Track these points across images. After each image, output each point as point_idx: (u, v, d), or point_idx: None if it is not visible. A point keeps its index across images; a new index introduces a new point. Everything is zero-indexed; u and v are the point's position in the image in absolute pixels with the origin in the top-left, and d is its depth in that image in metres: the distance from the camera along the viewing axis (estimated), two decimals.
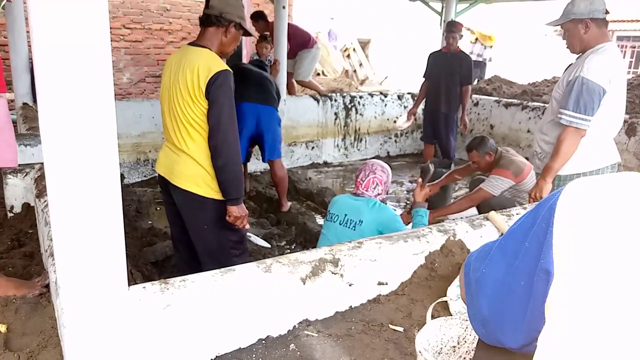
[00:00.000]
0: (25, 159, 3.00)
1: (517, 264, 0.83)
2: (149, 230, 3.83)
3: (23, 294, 1.87)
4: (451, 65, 5.33)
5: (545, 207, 0.80)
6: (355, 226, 2.65)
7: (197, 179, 2.28)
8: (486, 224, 2.24)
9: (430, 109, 5.59)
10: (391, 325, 1.76)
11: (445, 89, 5.36)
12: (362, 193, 2.76)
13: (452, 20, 5.57)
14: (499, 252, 0.89)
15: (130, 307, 1.42)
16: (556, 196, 0.78)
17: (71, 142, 1.21)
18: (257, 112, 4.09)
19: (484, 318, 0.91)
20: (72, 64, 1.17)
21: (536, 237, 0.80)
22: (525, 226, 0.85)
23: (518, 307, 0.83)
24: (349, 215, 2.69)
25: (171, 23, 8.68)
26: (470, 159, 3.88)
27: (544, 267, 0.75)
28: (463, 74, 5.33)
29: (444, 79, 5.35)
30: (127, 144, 5.04)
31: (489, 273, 0.90)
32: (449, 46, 5.38)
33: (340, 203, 2.80)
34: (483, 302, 0.91)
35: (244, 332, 1.63)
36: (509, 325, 0.86)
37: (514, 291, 0.83)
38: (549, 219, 0.77)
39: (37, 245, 2.40)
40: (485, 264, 0.91)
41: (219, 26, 2.28)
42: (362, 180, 2.77)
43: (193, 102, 2.17)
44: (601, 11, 2.57)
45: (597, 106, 2.53)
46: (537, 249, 0.79)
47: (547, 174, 2.70)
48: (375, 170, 2.78)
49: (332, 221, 2.76)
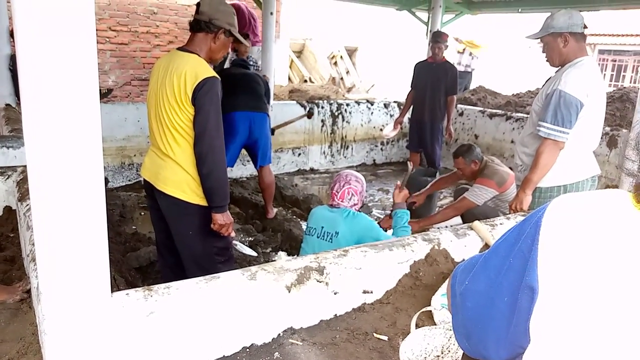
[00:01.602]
0: (7, 161, 2.95)
1: (500, 280, 0.84)
2: (133, 235, 3.79)
3: (3, 300, 1.84)
4: (436, 75, 5.39)
5: (530, 223, 0.81)
6: (332, 238, 2.64)
7: (182, 185, 2.26)
8: (470, 233, 2.26)
9: (416, 118, 5.65)
10: (376, 334, 1.76)
11: (431, 98, 5.41)
12: (337, 204, 2.75)
13: (438, 31, 5.64)
14: (482, 267, 0.90)
15: (113, 314, 1.40)
16: (541, 212, 0.79)
17: (55, 144, 1.20)
18: (250, 120, 4.10)
19: (468, 331, 0.91)
20: (57, 65, 1.15)
21: (520, 254, 0.81)
22: (509, 242, 0.85)
23: (501, 322, 0.83)
24: (326, 227, 2.69)
25: (158, 26, 8.63)
26: (456, 165, 3.93)
27: (528, 284, 0.76)
28: (448, 83, 5.39)
29: (430, 88, 5.41)
30: (111, 148, 5.00)
31: (472, 287, 0.91)
32: (434, 56, 5.43)
33: (317, 216, 2.80)
34: (466, 315, 0.91)
35: (228, 340, 1.62)
36: (491, 340, 0.86)
37: (497, 306, 0.84)
38: (533, 236, 0.78)
39: (19, 250, 2.36)
40: (470, 278, 0.92)
41: (208, 32, 2.27)
42: (337, 191, 2.77)
43: (179, 108, 2.16)
44: (580, 25, 2.63)
45: (574, 119, 2.58)
46: (520, 266, 0.80)
47: (527, 186, 2.74)
48: (350, 181, 2.77)
49: (310, 235, 2.76)
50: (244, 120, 4.05)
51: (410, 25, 8.36)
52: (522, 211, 2.74)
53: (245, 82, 4.20)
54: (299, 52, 12.96)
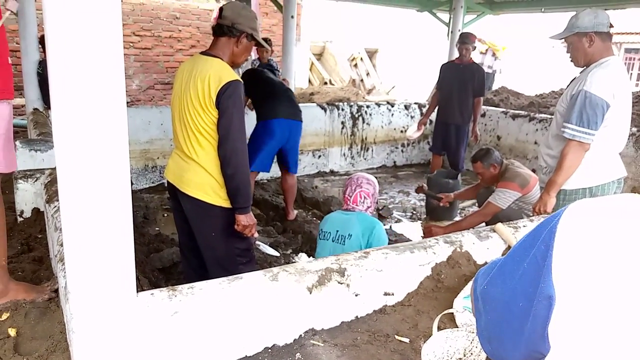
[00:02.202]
0: (35, 164, 3.03)
1: (514, 284, 0.84)
2: (156, 236, 3.85)
3: (32, 299, 1.89)
4: (463, 77, 5.33)
5: (545, 229, 0.80)
6: (345, 240, 2.64)
7: (205, 187, 2.30)
8: (493, 235, 2.24)
9: (441, 119, 5.58)
10: (397, 336, 1.76)
11: (458, 100, 5.36)
12: (352, 208, 2.75)
13: (466, 32, 5.52)
14: (499, 271, 0.90)
15: (139, 313, 1.43)
16: (556, 219, 0.79)
17: (83, 147, 1.23)
18: (290, 128, 4.18)
19: (489, 334, 0.92)
20: (85, 71, 1.19)
21: (534, 260, 0.80)
22: (524, 246, 0.85)
23: (516, 327, 0.83)
24: (340, 230, 2.69)
25: (180, 31, 8.76)
26: (475, 170, 3.92)
27: (545, 292, 0.75)
28: (475, 85, 5.33)
29: (457, 90, 5.35)
30: (135, 150, 5.08)
31: (490, 291, 0.91)
32: (461, 57, 5.37)
33: (332, 220, 2.80)
34: (486, 319, 0.92)
35: (250, 340, 1.64)
36: (508, 343, 0.86)
37: (512, 311, 0.83)
38: (548, 242, 0.77)
39: (47, 250, 2.42)
40: (487, 282, 0.92)
41: (231, 36, 2.30)
42: (349, 195, 2.77)
43: (203, 111, 2.19)
44: (605, 25, 2.58)
45: (600, 120, 2.53)
46: (534, 272, 0.79)
47: (551, 188, 2.70)
48: (362, 184, 2.77)
49: (325, 239, 2.75)
50: (285, 128, 4.12)
51: (431, 26, 8.33)
52: (546, 213, 2.70)
53: (285, 89, 4.30)
54: (319, 54, 13.00)
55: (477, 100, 5.38)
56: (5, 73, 1.79)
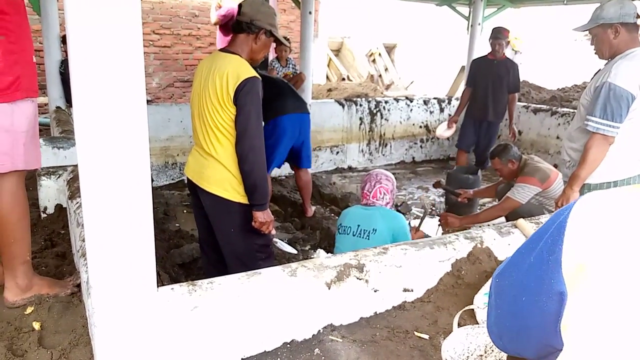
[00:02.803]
0: (58, 161, 3.08)
1: (521, 278, 0.83)
2: (177, 232, 3.89)
3: (56, 293, 1.93)
4: (498, 73, 5.21)
5: (554, 223, 0.79)
6: (369, 235, 2.64)
7: (224, 184, 2.31)
8: (514, 231, 2.21)
9: (474, 116, 5.44)
10: (416, 332, 1.75)
11: (492, 97, 5.24)
12: (373, 203, 2.75)
13: (498, 27, 5.32)
14: (508, 265, 0.90)
15: (159, 307, 1.45)
16: (565, 213, 0.77)
17: (105, 144, 1.24)
18: (300, 122, 4.16)
19: (500, 329, 0.91)
20: (106, 69, 1.20)
21: (541, 254, 0.79)
22: (533, 239, 0.84)
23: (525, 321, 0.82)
24: (362, 225, 2.69)
25: (199, 29, 8.81)
26: (493, 166, 3.89)
27: (556, 288, 0.74)
28: (511, 81, 5.22)
29: (491, 86, 5.23)
30: (155, 148, 5.13)
31: (500, 284, 0.90)
32: (494, 52, 5.24)
33: (352, 214, 2.80)
34: (496, 312, 0.91)
35: (269, 336, 1.64)
36: (519, 338, 0.86)
37: (519, 305, 0.83)
38: (556, 237, 0.76)
39: (69, 246, 2.46)
40: (498, 275, 0.91)
41: (250, 33, 2.30)
42: (368, 191, 2.77)
43: (222, 108, 2.20)
44: (632, 15, 2.52)
45: (625, 113, 2.47)
46: (541, 266, 0.78)
47: (574, 182, 2.65)
48: (381, 180, 2.78)
49: (346, 233, 2.75)
50: (295, 122, 4.11)
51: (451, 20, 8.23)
52: None
53: (286, 85, 4.27)
54: (337, 50, 12.96)
55: (512, 97, 5.28)
56: (30, 71, 1.83)
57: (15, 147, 1.78)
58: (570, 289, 0.72)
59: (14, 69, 1.73)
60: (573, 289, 0.72)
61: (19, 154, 1.79)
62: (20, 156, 1.80)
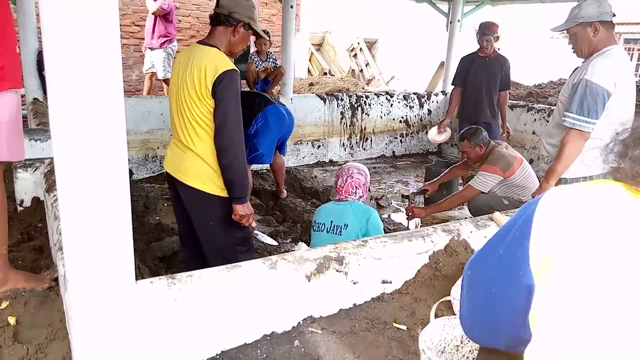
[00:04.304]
0: (35, 153, 3.03)
1: (491, 270, 0.85)
2: (157, 225, 3.86)
3: (32, 287, 1.90)
4: (491, 70, 4.94)
5: (521, 217, 0.80)
6: (342, 231, 2.65)
7: (203, 177, 2.30)
8: (490, 224, 2.25)
9: (468, 118, 5.00)
10: (395, 323, 1.78)
11: (487, 96, 4.96)
12: (345, 198, 2.76)
13: (487, 22, 5.00)
14: (478, 258, 0.92)
15: (138, 301, 1.44)
16: (532, 207, 0.79)
17: (81, 137, 1.23)
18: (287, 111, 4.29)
19: (471, 320, 0.93)
20: (82, 60, 1.18)
21: (509, 247, 0.81)
22: (501, 233, 0.86)
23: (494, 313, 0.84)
24: (335, 221, 2.69)
25: (180, 21, 8.70)
26: (461, 148, 3.91)
27: (524, 282, 0.76)
28: (504, 78, 4.97)
29: (486, 85, 4.94)
30: (135, 141, 5.08)
31: (471, 276, 0.92)
32: (483, 49, 4.97)
33: (325, 211, 2.80)
34: (467, 304, 0.93)
35: (249, 328, 1.65)
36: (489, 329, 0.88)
37: (489, 297, 0.85)
38: (524, 230, 0.77)
39: (46, 239, 2.43)
40: (468, 267, 0.93)
41: (228, 25, 2.29)
42: (341, 186, 2.77)
43: (200, 101, 2.19)
44: (609, 14, 2.57)
45: (601, 109, 2.53)
46: (509, 259, 0.80)
47: (551, 176, 2.70)
48: (352, 174, 2.77)
49: (320, 230, 2.75)
50: (282, 111, 4.19)
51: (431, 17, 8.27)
52: None
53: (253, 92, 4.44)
54: (318, 45, 12.95)
55: (503, 94, 5.02)
56: (14, 62, 1.80)
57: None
58: (538, 281, 0.74)
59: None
60: (540, 282, 0.74)
61: (2, 146, 1.76)
62: (3, 147, 1.76)
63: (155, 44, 6.77)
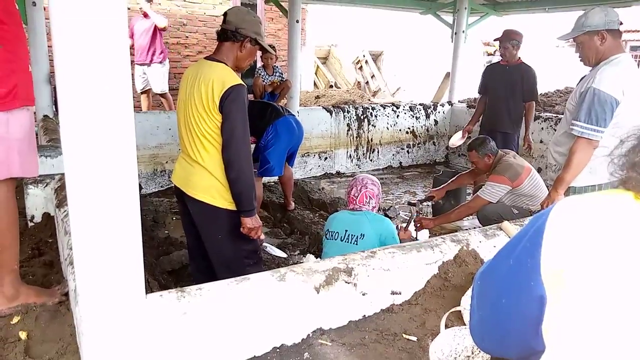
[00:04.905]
0: (45, 169, 3.06)
1: (501, 281, 0.84)
2: (166, 239, 3.88)
3: (43, 302, 1.91)
4: (511, 79, 4.82)
5: (532, 228, 0.80)
6: (357, 240, 2.65)
7: (211, 190, 2.31)
8: (499, 234, 2.24)
9: (487, 127, 4.99)
10: (405, 334, 1.76)
11: (506, 105, 4.86)
12: (359, 207, 2.77)
13: (507, 29, 4.90)
14: (489, 268, 0.91)
15: (148, 314, 1.45)
16: (543, 218, 0.78)
17: (92, 152, 1.25)
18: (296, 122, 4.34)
19: (482, 331, 0.92)
20: (93, 78, 1.20)
21: (520, 258, 0.80)
22: (512, 243, 0.85)
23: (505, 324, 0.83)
24: (350, 230, 2.70)
25: (187, 37, 8.81)
26: (470, 158, 3.93)
27: (535, 293, 0.76)
28: (526, 88, 4.80)
29: (504, 94, 4.85)
30: (144, 155, 5.12)
31: (480, 288, 0.92)
32: (504, 57, 4.90)
33: (339, 219, 2.81)
34: (478, 315, 0.92)
35: (259, 341, 1.65)
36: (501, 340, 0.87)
37: (500, 308, 0.84)
38: (535, 241, 0.77)
39: (57, 254, 2.44)
40: (479, 277, 0.93)
41: (235, 41, 2.32)
42: (355, 196, 2.79)
43: (207, 115, 2.21)
44: (616, 22, 2.57)
45: (609, 117, 2.52)
46: (520, 270, 0.80)
47: (559, 185, 2.69)
48: (367, 185, 2.80)
49: (333, 239, 2.76)
50: (292, 123, 4.24)
51: (435, 28, 8.32)
52: None
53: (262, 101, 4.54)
54: (324, 58, 13.04)
55: (528, 105, 4.86)
56: (26, 80, 1.84)
57: (10, 155, 1.77)
58: (550, 293, 0.74)
59: (11, 77, 1.74)
60: (552, 293, 0.73)
61: (14, 162, 1.79)
62: (15, 164, 1.79)
63: (155, 59, 6.90)
